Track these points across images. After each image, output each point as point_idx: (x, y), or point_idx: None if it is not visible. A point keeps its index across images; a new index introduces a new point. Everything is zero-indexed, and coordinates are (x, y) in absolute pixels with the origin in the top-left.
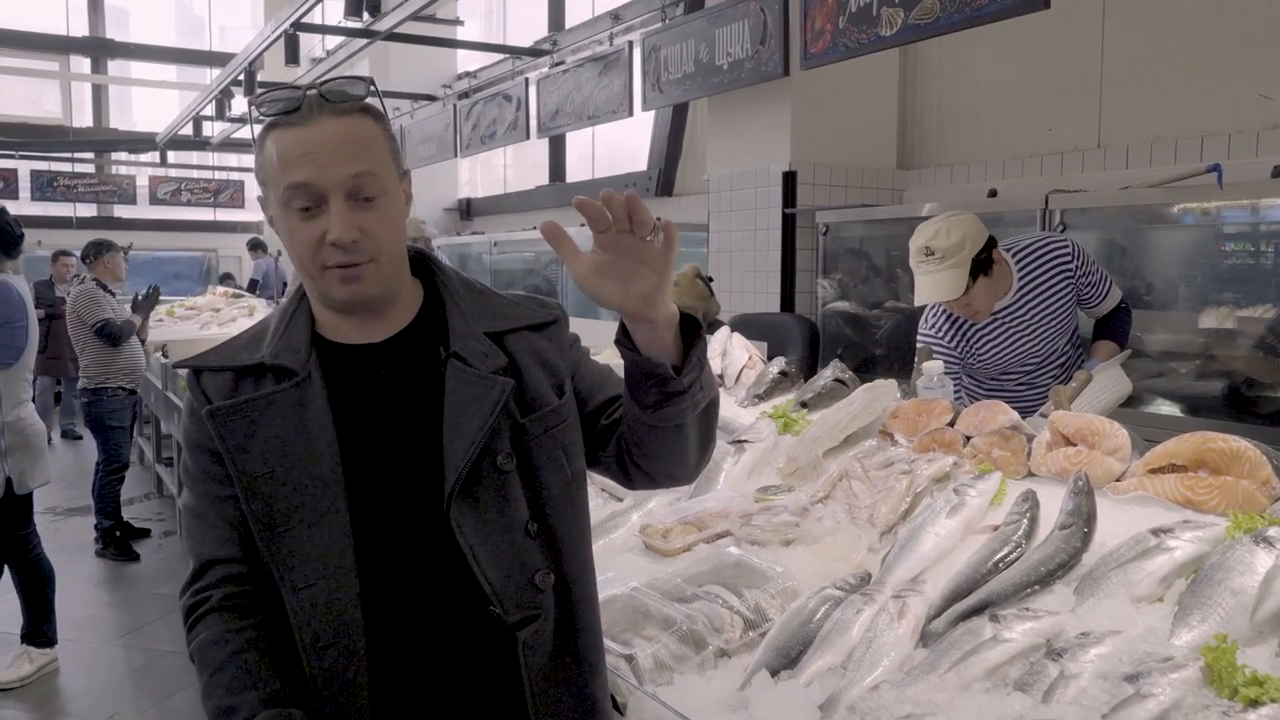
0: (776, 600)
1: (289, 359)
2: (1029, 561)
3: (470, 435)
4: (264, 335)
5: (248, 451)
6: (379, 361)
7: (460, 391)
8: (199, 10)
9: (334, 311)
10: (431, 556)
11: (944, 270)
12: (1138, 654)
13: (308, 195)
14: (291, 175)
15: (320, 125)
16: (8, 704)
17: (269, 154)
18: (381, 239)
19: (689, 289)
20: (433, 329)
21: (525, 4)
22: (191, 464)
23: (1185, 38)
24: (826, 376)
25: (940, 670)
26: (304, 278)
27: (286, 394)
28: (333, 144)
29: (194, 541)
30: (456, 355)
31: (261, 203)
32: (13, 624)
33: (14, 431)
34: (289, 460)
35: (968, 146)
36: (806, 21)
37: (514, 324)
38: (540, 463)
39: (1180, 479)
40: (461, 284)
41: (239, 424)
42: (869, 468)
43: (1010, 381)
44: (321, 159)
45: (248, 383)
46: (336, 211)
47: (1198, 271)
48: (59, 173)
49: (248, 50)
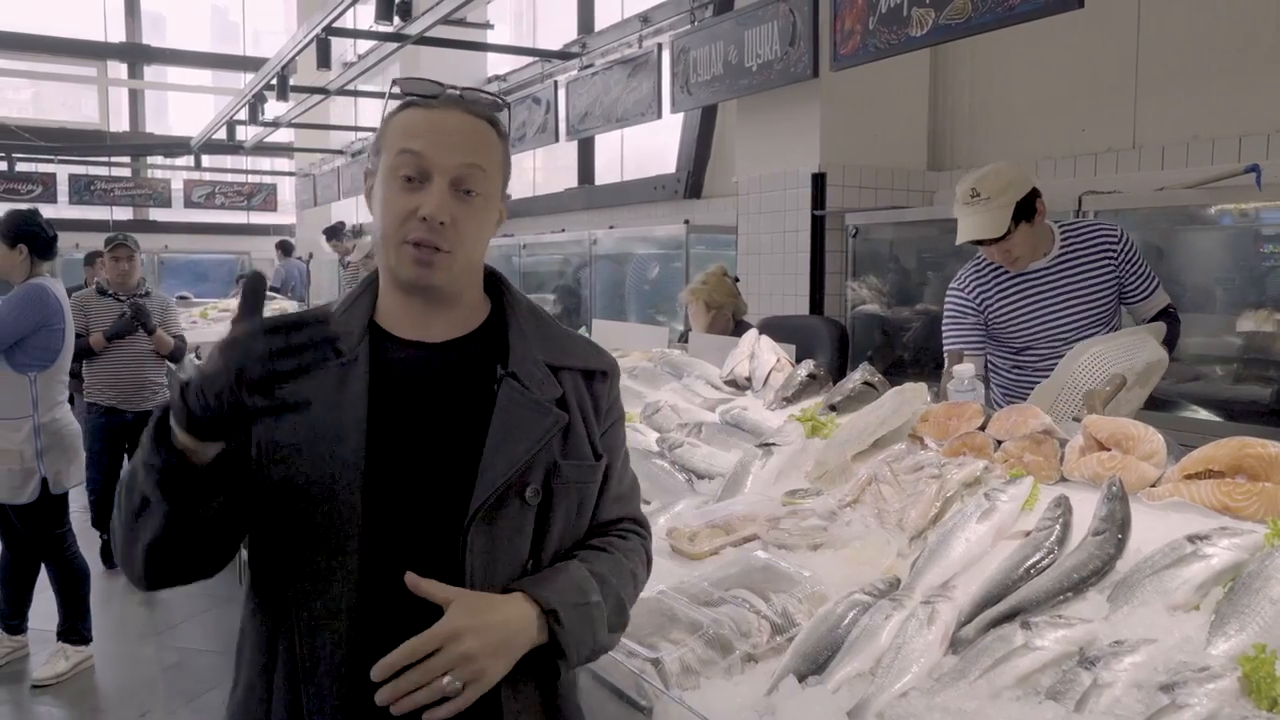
0: (804, 605)
1: (342, 341)
2: (1061, 568)
3: (513, 458)
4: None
5: (279, 422)
6: (430, 360)
7: (512, 412)
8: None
9: (399, 298)
10: (432, 565)
11: (988, 210)
12: (1173, 663)
13: (416, 167)
14: (408, 143)
15: (450, 113)
16: (44, 701)
17: (393, 125)
18: (466, 235)
19: (717, 286)
20: (492, 345)
21: (555, 7)
22: None
23: (1222, 35)
24: (855, 379)
25: (970, 678)
26: (383, 249)
27: (329, 371)
28: (456, 130)
29: None
30: (513, 375)
31: (366, 174)
32: (49, 622)
33: (50, 432)
34: (315, 435)
35: (999, 147)
36: (836, 22)
37: (569, 362)
38: (558, 508)
39: (1217, 485)
40: (528, 308)
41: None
42: (898, 472)
43: (1038, 360)
44: (440, 139)
45: None
46: (437, 191)
47: (1235, 274)
48: (96, 176)
49: (280, 55)
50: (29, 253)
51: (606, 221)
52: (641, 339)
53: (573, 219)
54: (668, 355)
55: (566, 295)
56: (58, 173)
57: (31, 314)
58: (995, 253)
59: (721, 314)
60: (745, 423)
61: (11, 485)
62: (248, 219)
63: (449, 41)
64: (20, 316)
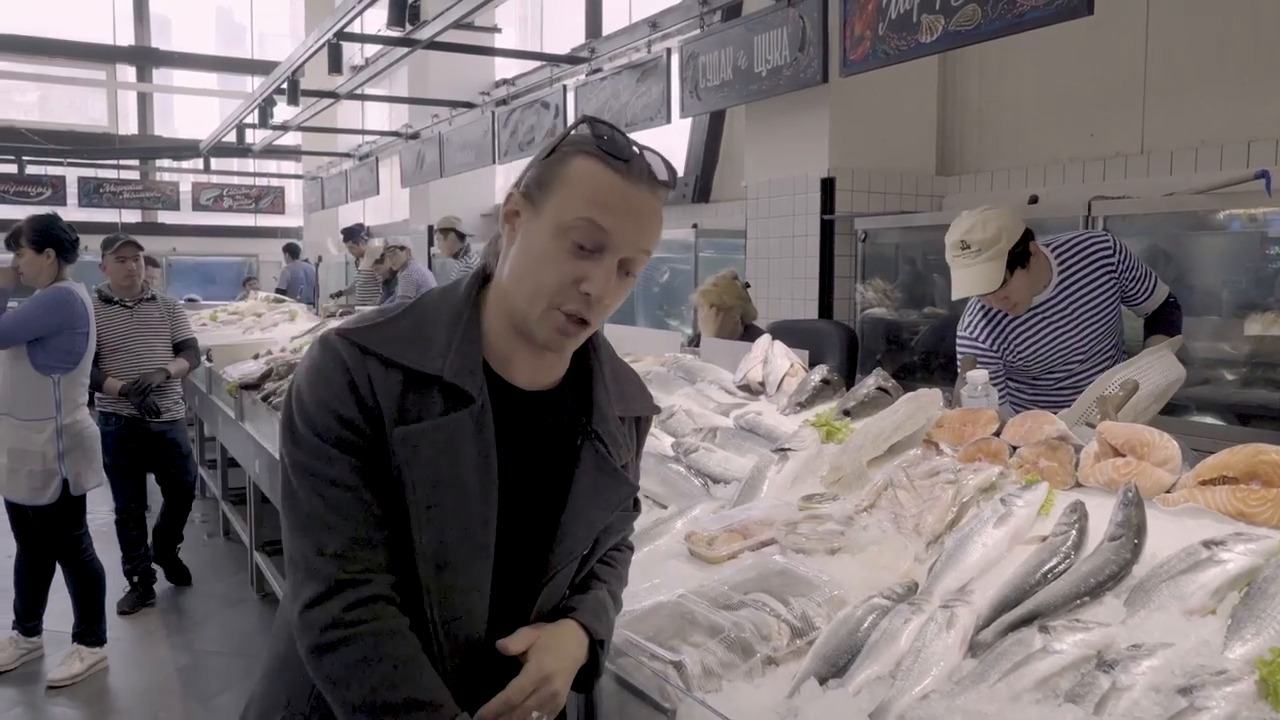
0: (823, 609)
1: (467, 382)
2: (1078, 573)
3: (591, 525)
4: (431, 336)
5: (426, 480)
6: (533, 411)
7: (593, 476)
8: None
9: (513, 342)
10: (509, 612)
11: (980, 263)
12: (1190, 667)
13: (594, 240)
14: (598, 215)
15: (642, 192)
16: (59, 702)
17: (578, 174)
18: (609, 310)
19: (727, 289)
20: (577, 396)
21: (563, 11)
22: (330, 430)
23: (1231, 41)
24: (869, 385)
25: (990, 681)
26: (523, 299)
27: (463, 422)
28: (644, 216)
29: (337, 515)
30: (597, 435)
31: (522, 199)
32: (64, 623)
33: (71, 434)
34: (461, 494)
35: (1008, 152)
36: (846, 28)
37: (631, 411)
38: (598, 551)
39: (1232, 491)
40: (608, 354)
41: (424, 451)
42: (914, 477)
43: (1053, 384)
44: (628, 221)
45: (415, 393)
46: (607, 269)
47: (1244, 278)
48: (105, 179)
49: (290, 59)
50: (56, 257)
51: None
52: (653, 344)
53: None
54: (681, 360)
55: None
56: (67, 175)
57: (56, 315)
58: (994, 300)
59: (730, 317)
60: (760, 427)
61: (33, 486)
62: (255, 222)
63: (457, 46)
64: (45, 315)
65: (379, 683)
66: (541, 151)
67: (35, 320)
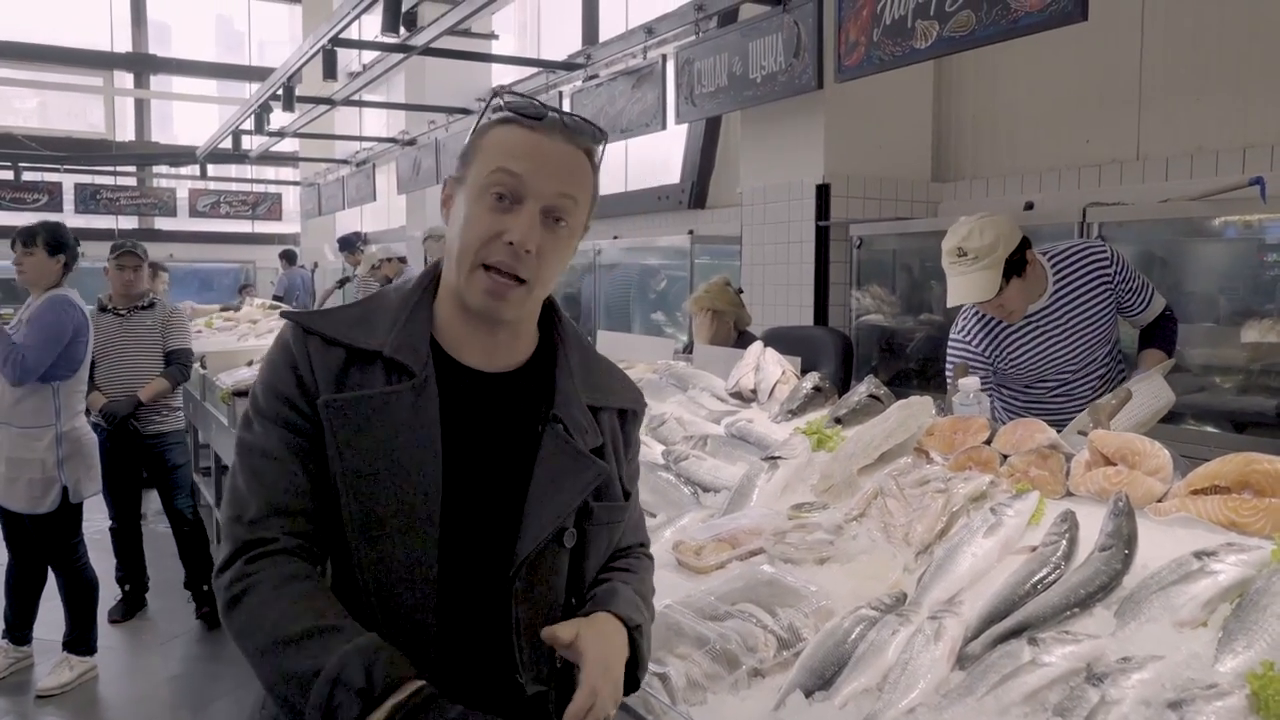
0: (811, 620)
1: (409, 357)
2: (1068, 583)
3: (558, 510)
4: (379, 317)
5: (355, 448)
6: (486, 391)
7: (555, 460)
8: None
9: (461, 319)
10: (483, 604)
11: (976, 271)
12: (1181, 680)
13: (511, 189)
14: (508, 163)
15: (553, 139)
16: (48, 711)
17: (490, 139)
18: (545, 267)
19: (720, 295)
20: (540, 381)
21: (560, 18)
22: (270, 406)
23: (1226, 47)
24: (861, 392)
25: (978, 694)
26: (453, 267)
27: (402, 395)
28: (556, 158)
29: (258, 484)
30: (558, 420)
31: (452, 182)
32: (53, 631)
33: (70, 441)
34: (394, 464)
35: (1004, 159)
36: (840, 34)
37: (609, 401)
38: (591, 547)
39: (1224, 500)
40: (575, 341)
41: (353, 418)
42: (904, 486)
43: (1045, 392)
44: (540, 163)
45: (356, 369)
46: (527, 217)
47: (1239, 285)
48: (102, 186)
49: (286, 65)
50: (64, 264)
51: (611, 232)
52: (647, 351)
53: None
54: (673, 367)
55: (570, 305)
56: (63, 182)
57: (66, 325)
58: (989, 309)
59: (724, 323)
60: (751, 435)
61: (32, 495)
62: (252, 228)
63: (454, 52)
64: (61, 329)
65: (278, 619)
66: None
67: (53, 339)
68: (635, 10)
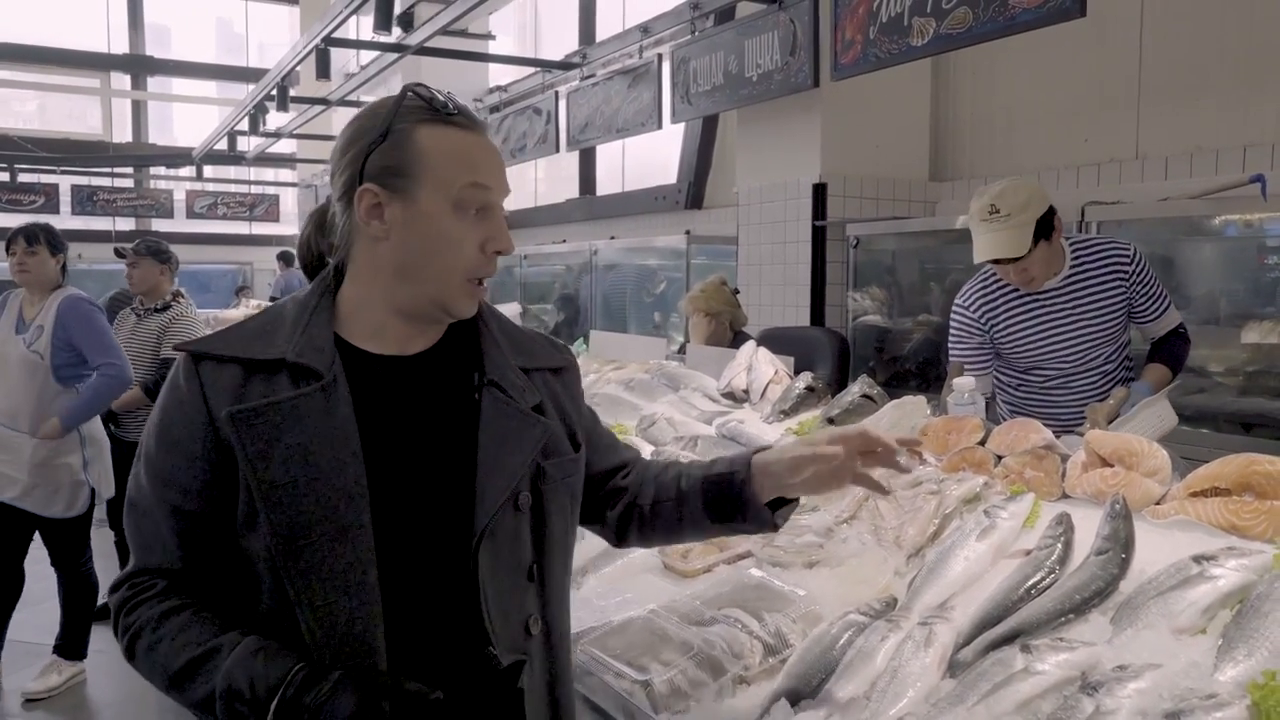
0: (798, 625)
1: (313, 359)
2: (1063, 588)
3: (510, 472)
4: (278, 327)
5: (269, 459)
6: (407, 376)
7: (498, 424)
8: (238, 27)
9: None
10: (444, 588)
11: (1008, 228)
12: (1179, 689)
13: (483, 200)
14: (479, 176)
15: (485, 138)
16: (36, 715)
17: (434, 145)
18: None
19: (715, 295)
20: (464, 353)
21: (556, 18)
22: (158, 459)
23: (1226, 45)
24: (854, 392)
25: (969, 703)
26: (430, 285)
27: (311, 398)
28: (498, 159)
29: (134, 539)
30: (494, 384)
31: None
32: (43, 634)
33: (94, 443)
34: (312, 470)
35: (1002, 158)
36: (837, 32)
37: (539, 363)
38: (551, 508)
39: (1224, 503)
40: (492, 313)
41: (262, 429)
42: (896, 487)
43: (1044, 380)
44: (496, 170)
45: (259, 380)
46: (501, 223)
47: (1240, 285)
48: (99, 187)
49: (280, 66)
50: (63, 263)
51: (607, 232)
52: (639, 350)
53: (573, 229)
54: (665, 367)
55: (567, 305)
56: (60, 183)
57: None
58: (1011, 272)
59: (719, 324)
60: (742, 436)
61: (66, 500)
62: (250, 229)
63: (450, 52)
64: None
65: (165, 660)
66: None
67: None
68: (632, 10)
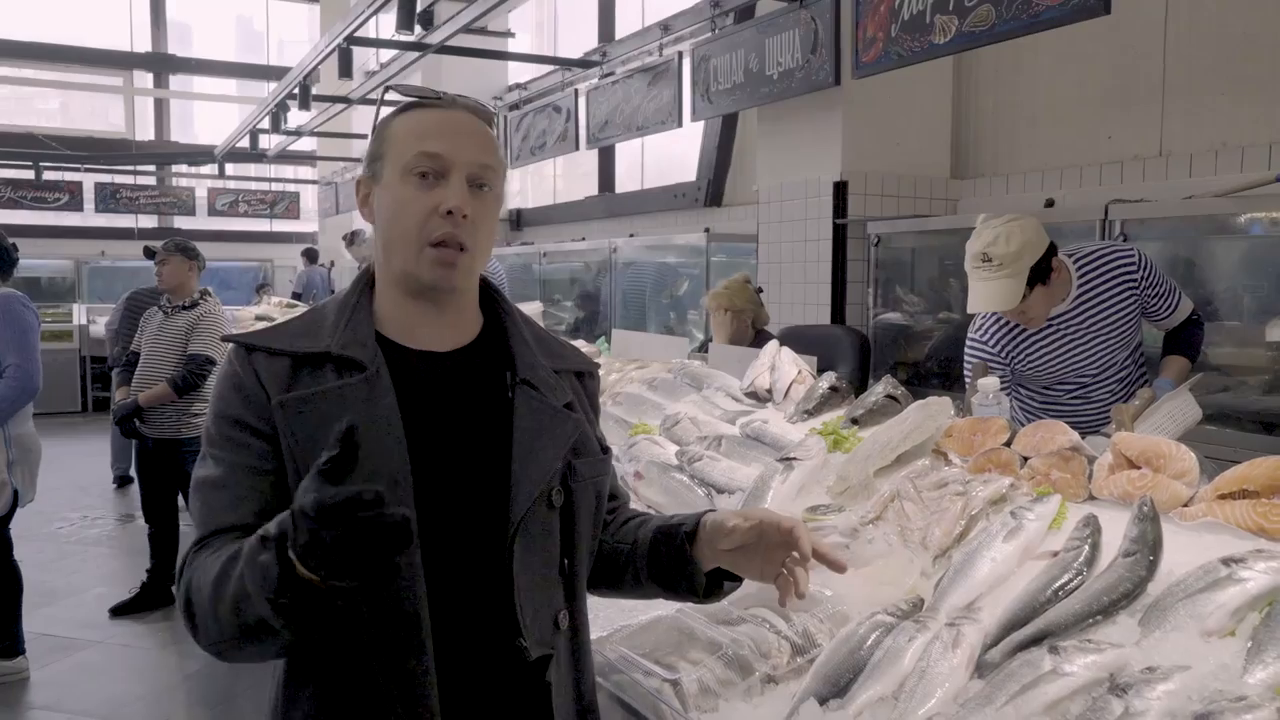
0: (825, 625)
1: (357, 351)
2: (1090, 590)
3: (544, 466)
4: (321, 324)
5: (315, 445)
6: (445, 371)
7: (532, 419)
8: (258, 25)
9: (405, 305)
10: (478, 579)
11: (1000, 279)
12: (1208, 691)
13: (434, 165)
14: (425, 145)
15: (459, 113)
16: (62, 710)
17: (398, 128)
18: (480, 231)
19: (739, 293)
20: (495, 353)
21: (576, 16)
22: (221, 435)
23: (1251, 41)
24: (878, 392)
25: (997, 703)
26: (397, 254)
27: (355, 387)
28: (468, 130)
29: (207, 511)
30: (527, 382)
31: (366, 181)
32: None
33: (20, 445)
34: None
35: (1024, 155)
36: (858, 30)
37: (567, 365)
38: (580, 505)
39: (1253, 505)
40: (521, 316)
41: (310, 417)
42: (922, 488)
43: (1064, 394)
44: (457, 138)
45: (306, 373)
46: (456, 186)
47: (1265, 283)
48: (122, 185)
49: (302, 65)
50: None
51: (627, 229)
52: (661, 349)
53: (593, 227)
54: (687, 366)
55: (586, 303)
56: (84, 181)
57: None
58: (1011, 314)
59: (742, 321)
60: (766, 436)
61: None
62: (271, 227)
63: (470, 50)
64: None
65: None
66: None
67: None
68: (651, 7)
